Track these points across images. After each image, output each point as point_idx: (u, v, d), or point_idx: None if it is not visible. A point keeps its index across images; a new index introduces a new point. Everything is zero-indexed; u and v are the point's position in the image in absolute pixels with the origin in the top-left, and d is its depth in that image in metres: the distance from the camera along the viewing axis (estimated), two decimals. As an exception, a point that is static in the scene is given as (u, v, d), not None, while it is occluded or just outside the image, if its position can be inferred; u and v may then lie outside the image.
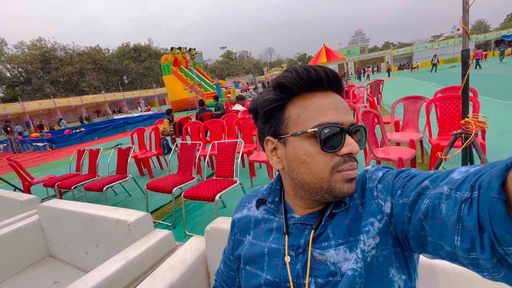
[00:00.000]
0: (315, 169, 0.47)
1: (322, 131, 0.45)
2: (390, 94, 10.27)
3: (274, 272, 0.53)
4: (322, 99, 0.47)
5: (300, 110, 0.48)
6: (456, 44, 37.25)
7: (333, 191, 0.47)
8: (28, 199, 2.09)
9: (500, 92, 6.98)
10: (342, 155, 0.46)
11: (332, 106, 0.47)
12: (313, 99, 0.47)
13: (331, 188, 0.47)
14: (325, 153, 0.46)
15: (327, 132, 0.45)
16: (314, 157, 0.47)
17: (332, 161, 0.47)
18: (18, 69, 40.94)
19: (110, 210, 1.38)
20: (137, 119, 16.20)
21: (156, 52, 54.82)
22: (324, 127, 0.45)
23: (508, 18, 69.21)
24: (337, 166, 0.46)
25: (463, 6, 1.58)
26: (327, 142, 0.46)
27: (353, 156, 0.48)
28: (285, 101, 0.49)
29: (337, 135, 0.46)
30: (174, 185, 2.54)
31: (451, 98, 2.65)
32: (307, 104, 0.47)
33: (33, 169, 7.70)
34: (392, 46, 75.47)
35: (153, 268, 1.11)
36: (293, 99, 0.49)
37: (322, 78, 0.46)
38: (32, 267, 1.80)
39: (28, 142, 13.19)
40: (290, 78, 0.47)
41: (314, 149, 0.47)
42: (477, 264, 0.33)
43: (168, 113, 6.34)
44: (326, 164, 0.46)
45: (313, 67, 0.47)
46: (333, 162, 0.47)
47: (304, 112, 0.47)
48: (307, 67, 0.47)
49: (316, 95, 0.47)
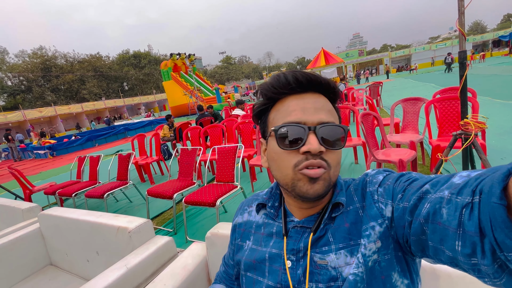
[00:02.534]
0: (281, 166, 0.50)
1: (279, 130, 0.48)
2: (389, 96, 10.29)
3: (276, 278, 0.52)
4: (292, 101, 0.49)
5: (275, 113, 0.52)
6: (454, 45, 37.44)
7: (295, 189, 0.49)
8: (28, 207, 2.09)
9: (499, 92, 6.99)
10: (302, 153, 0.47)
11: (299, 107, 0.48)
12: (285, 102, 0.50)
13: (294, 186, 0.49)
14: (288, 151, 0.48)
15: (284, 131, 0.48)
16: (279, 155, 0.50)
17: (295, 158, 0.48)
18: (20, 78, 41.24)
19: (111, 217, 1.38)
20: (137, 125, 16.23)
21: (155, 58, 55.21)
22: (282, 127, 0.48)
23: (504, 18, 69.66)
24: (298, 163, 0.47)
25: (459, 8, 1.59)
26: (284, 140, 0.48)
27: (319, 156, 0.47)
28: (267, 106, 0.53)
29: (297, 134, 0.47)
30: (175, 191, 2.54)
31: (450, 99, 2.66)
32: (280, 107, 0.51)
33: (34, 176, 7.71)
34: (390, 48, 75.94)
35: (154, 275, 1.10)
36: (275, 103, 0.52)
37: (289, 82, 0.48)
38: (33, 276, 1.79)
39: (30, 150, 13.21)
40: (265, 86, 0.51)
41: (279, 147, 0.49)
42: (478, 270, 0.32)
43: (167, 118, 6.34)
44: (289, 161, 0.48)
45: (284, 74, 0.50)
46: (295, 160, 0.48)
47: (276, 115, 0.51)
48: (278, 75, 0.50)
49: (288, 98, 0.50)
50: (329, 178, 0.48)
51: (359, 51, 42.62)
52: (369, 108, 4.44)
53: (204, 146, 4.43)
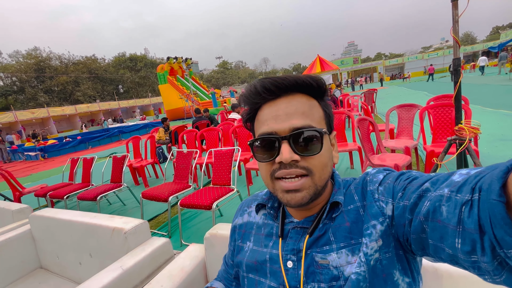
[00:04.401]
0: (262, 175, 0.52)
1: (254, 143, 0.50)
2: (383, 103, 10.45)
3: (278, 279, 0.52)
4: (266, 109, 0.50)
5: (256, 123, 0.52)
6: (445, 55, 38.44)
7: (278, 198, 0.50)
8: (19, 208, 2.03)
9: (489, 101, 7.17)
10: (277, 162, 0.47)
11: (271, 116, 0.48)
12: (262, 110, 0.51)
13: (276, 194, 0.50)
14: (265, 162, 0.49)
15: (257, 144, 0.49)
16: (260, 164, 0.51)
17: (271, 168, 0.49)
18: (12, 78, 40.60)
19: (106, 218, 1.35)
20: (132, 128, 16.07)
21: (152, 62, 55.15)
22: (255, 140, 0.49)
23: (493, 30, 72.01)
24: (273, 173, 0.48)
25: (453, 16, 1.64)
26: (259, 153, 0.49)
27: (295, 165, 0.46)
28: (251, 114, 0.53)
29: (270, 145, 0.48)
30: (170, 193, 2.51)
31: (444, 106, 2.71)
32: (259, 115, 0.51)
33: (24, 178, 7.52)
34: (384, 57, 77.48)
35: (150, 277, 1.08)
36: (257, 111, 0.52)
37: (259, 92, 0.48)
38: (21, 279, 1.73)
39: (20, 151, 12.92)
40: (242, 97, 0.52)
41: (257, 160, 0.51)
42: (478, 267, 0.33)
43: (163, 121, 6.31)
44: (267, 171, 0.50)
45: (255, 83, 0.49)
46: (271, 169, 0.49)
47: (257, 124, 0.52)
48: (250, 85, 0.51)
49: (264, 107, 0.50)
50: (314, 184, 0.47)
51: (353, 59, 43.41)
52: (364, 114, 4.49)
53: (200, 149, 4.41)
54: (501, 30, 50.11)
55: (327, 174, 0.50)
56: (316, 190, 0.48)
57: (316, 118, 0.49)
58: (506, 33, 32.98)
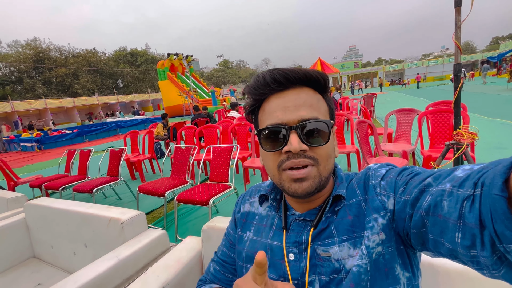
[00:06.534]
0: (268, 166, 0.51)
1: (261, 133, 0.50)
2: (382, 108, 10.52)
3: (278, 271, 0.52)
4: (274, 101, 0.49)
5: (262, 114, 0.52)
6: (445, 63, 38.72)
7: (284, 189, 0.49)
8: (14, 197, 2.01)
9: (486, 110, 7.24)
10: (284, 152, 0.47)
11: (280, 107, 0.49)
12: (269, 102, 0.50)
13: (282, 185, 0.49)
14: (272, 152, 0.49)
15: (266, 134, 0.49)
16: (266, 155, 0.51)
17: (278, 159, 0.48)
18: (10, 68, 40.16)
19: (103, 209, 1.34)
20: (130, 123, 15.98)
21: (153, 57, 54.83)
22: (263, 130, 0.49)
23: (493, 40, 72.67)
24: (281, 163, 0.48)
25: (456, 22, 1.65)
26: (267, 143, 0.49)
27: (303, 155, 0.47)
28: (255, 106, 0.53)
29: (279, 134, 0.48)
30: (167, 188, 2.50)
31: (443, 111, 2.73)
32: (265, 107, 0.51)
33: (19, 169, 7.45)
34: (385, 62, 77.87)
35: (146, 267, 1.08)
36: (262, 102, 0.52)
37: (267, 83, 0.48)
38: (14, 268, 1.72)
39: (16, 142, 12.78)
40: (249, 88, 0.52)
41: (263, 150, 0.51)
42: (477, 262, 0.33)
43: (163, 117, 6.29)
44: (273, 162, 0.49)
45: (263, 74, 0.49)
46: (278, 160, 0.48)
47: (262, 115, 0.52)
48: (258, 75, 0.50)
49: (271, 98, 0.50)
50: (319, 174, 0.48)
51: (354, 63, 43.60)
52: (364, 117, 4.52)
53: (199, 146, 4.40)
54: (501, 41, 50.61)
55: (331, 164, 0.50)
56: (320, 180, 0.48)
57: (322, 112, 0.50)
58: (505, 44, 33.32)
